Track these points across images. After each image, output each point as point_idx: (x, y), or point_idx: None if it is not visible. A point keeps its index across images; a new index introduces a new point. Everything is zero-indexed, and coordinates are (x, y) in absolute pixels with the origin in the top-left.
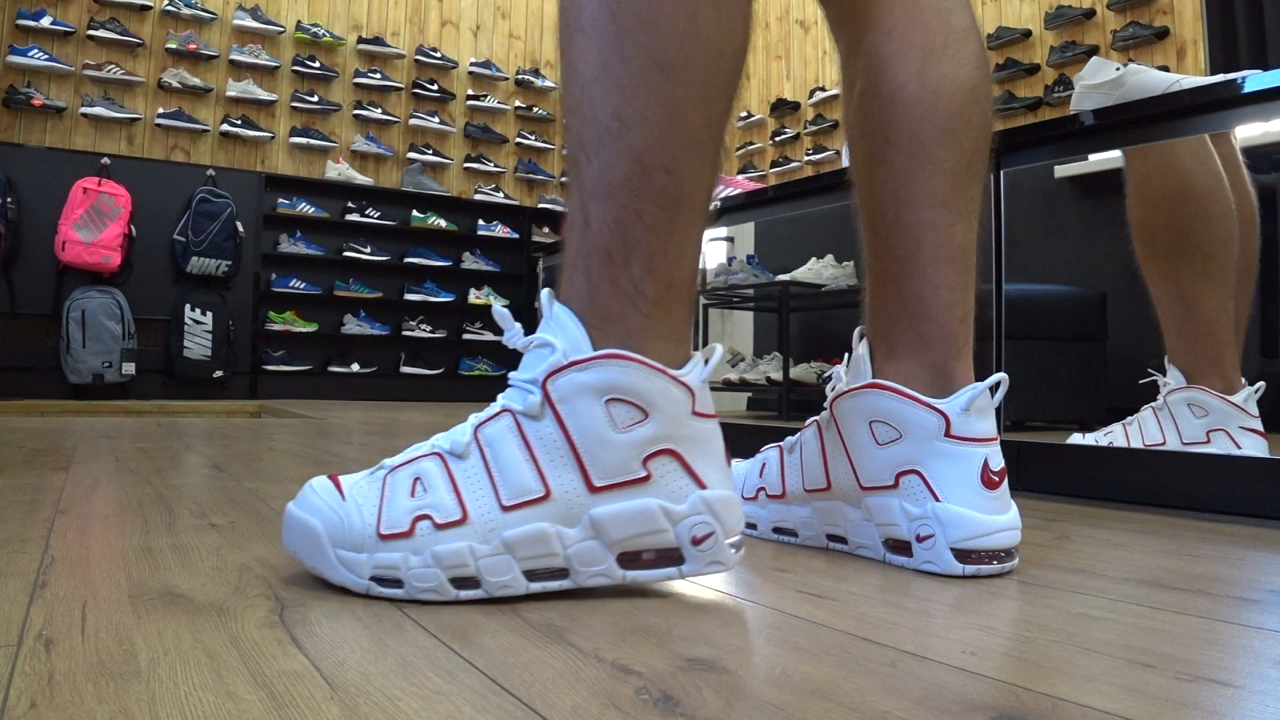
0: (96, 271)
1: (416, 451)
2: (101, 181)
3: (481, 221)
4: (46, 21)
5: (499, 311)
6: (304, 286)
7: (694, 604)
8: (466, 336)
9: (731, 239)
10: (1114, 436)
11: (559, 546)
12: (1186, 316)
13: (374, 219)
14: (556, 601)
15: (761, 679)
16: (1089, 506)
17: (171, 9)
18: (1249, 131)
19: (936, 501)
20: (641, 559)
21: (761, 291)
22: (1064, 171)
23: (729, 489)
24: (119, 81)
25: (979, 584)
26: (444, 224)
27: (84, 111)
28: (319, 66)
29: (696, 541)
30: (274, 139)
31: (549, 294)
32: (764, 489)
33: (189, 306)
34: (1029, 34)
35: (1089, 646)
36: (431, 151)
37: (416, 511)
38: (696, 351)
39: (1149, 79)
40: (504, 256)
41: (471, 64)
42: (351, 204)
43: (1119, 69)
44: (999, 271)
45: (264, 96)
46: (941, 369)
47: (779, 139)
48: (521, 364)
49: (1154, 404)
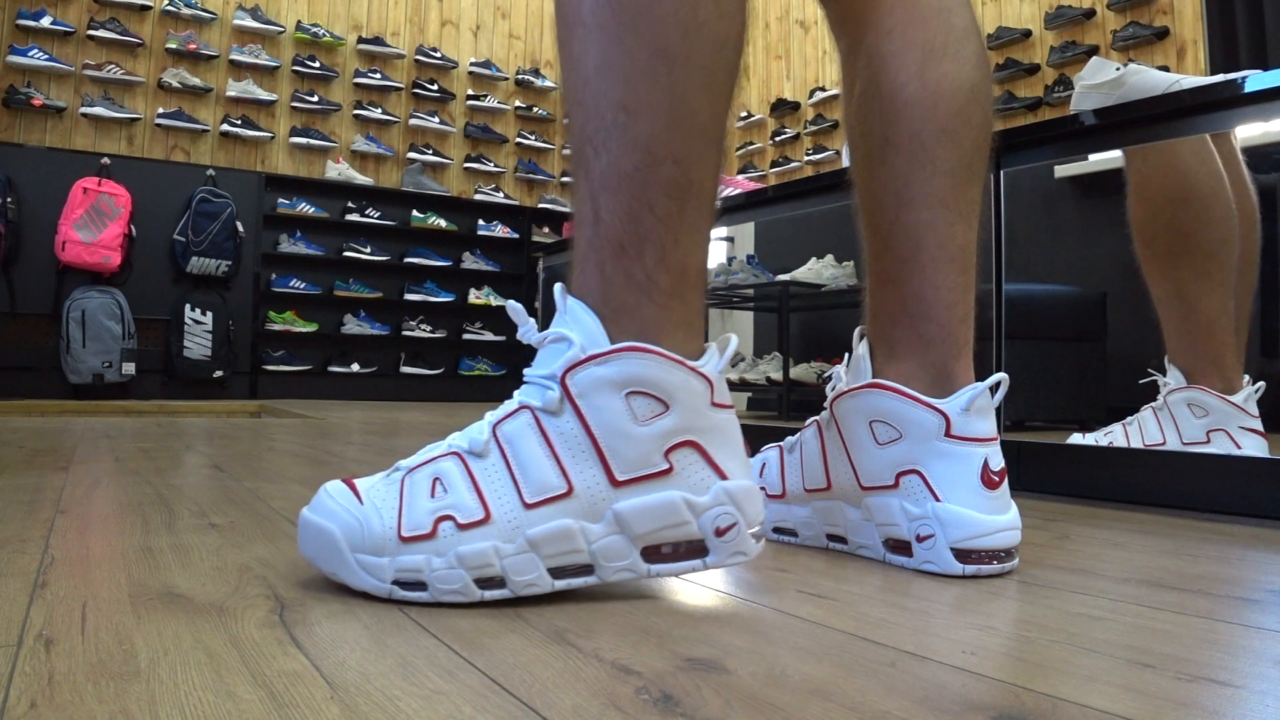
0: (96, 271)
1: (433, 452)
2: (101, 181)
3: (481, 221)
4: (46, 21)
5: (513, 307)
6: (304, 286)
7: (694, 604)
8: (466, 336)
9: (731, 239)
10: (1114, 436)
11: (583, 543)
12: (1187, 316)
13: (374, 219)
14: (557, 602)
15: (761, 679)
16: (1089, 506)
17: (171, 9)
18: (1249, 131)
19: (936, 501)
20: (665, 552)
21: (761, 291)
22: (1064, 171)
23: (749, 479)
24: (119, 81)
25: (979, 584)
26: (444, 224)
27: (84, 111)
28: (319, 66)
29: (720, 533)
30: (274, 139)
31: (562, 288)
32: (764, 489)
33: (189, 306)
34: (1029, 34)
35: (1089, 646)
36: (431, 151)
37: (438, 512)
38: (710, 343)
39: (1149, 79)
40: (504, 256)
41: (471, 64)
42: (351, 204)
43: (1119, 69)
44: (999, 271)
45: (264, 96)
46: (942, 369)
47: (779, 139)
48: (536, 360)
49: (1154, 404)
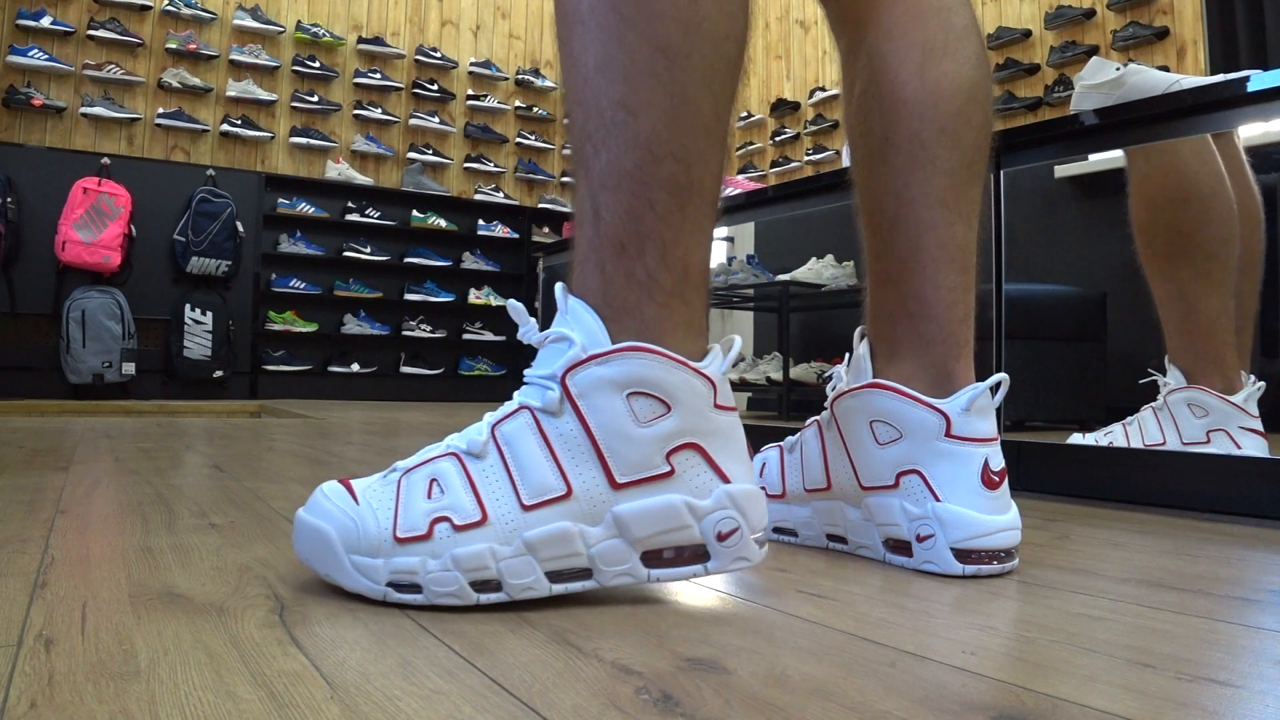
0: (96, 271)
1: (431, 452)
2: (101, 181)
3: (481, 221)
4: (46, 21)
5: (514, 306)
6: (304, 286)
7: (694, 604)
8: (466, 336)
9: (731, 239)
10: (1114, 436)
11: (582, 546)
12: (1187, 316)
13: (374, 219)
14: (557, 602)
15: (761, 679)
16: (1089, 506)
17: (171, 9)
18: (1249, 131)
19: (937, 501)
20: (666, 557)
21: (761, 291)
22: (1064, 171)
23: (752, 483)
24: (119, 81)
25: (979, 584)
26: (444, 224)
27: (84, 111)
28: (319, 66)
29: (722, 537)
30: (274, 139)
31: (563, 287)
32: (764, 488)
33: (189, 306)
34: (1029, 34)
35: (1089, 646)
36: (431, 151)
37: (434, 513)
38: (714, 344)
39: (1149, 79)
40: (504, 256)
41: (471, 64)
42: (351, 204)
43: (1119, 69)
44: (999, 271)
45: (264, 96)
46: (942, 369)
47: (779, 139)
48: (537, 360)
49: (1154, 404)
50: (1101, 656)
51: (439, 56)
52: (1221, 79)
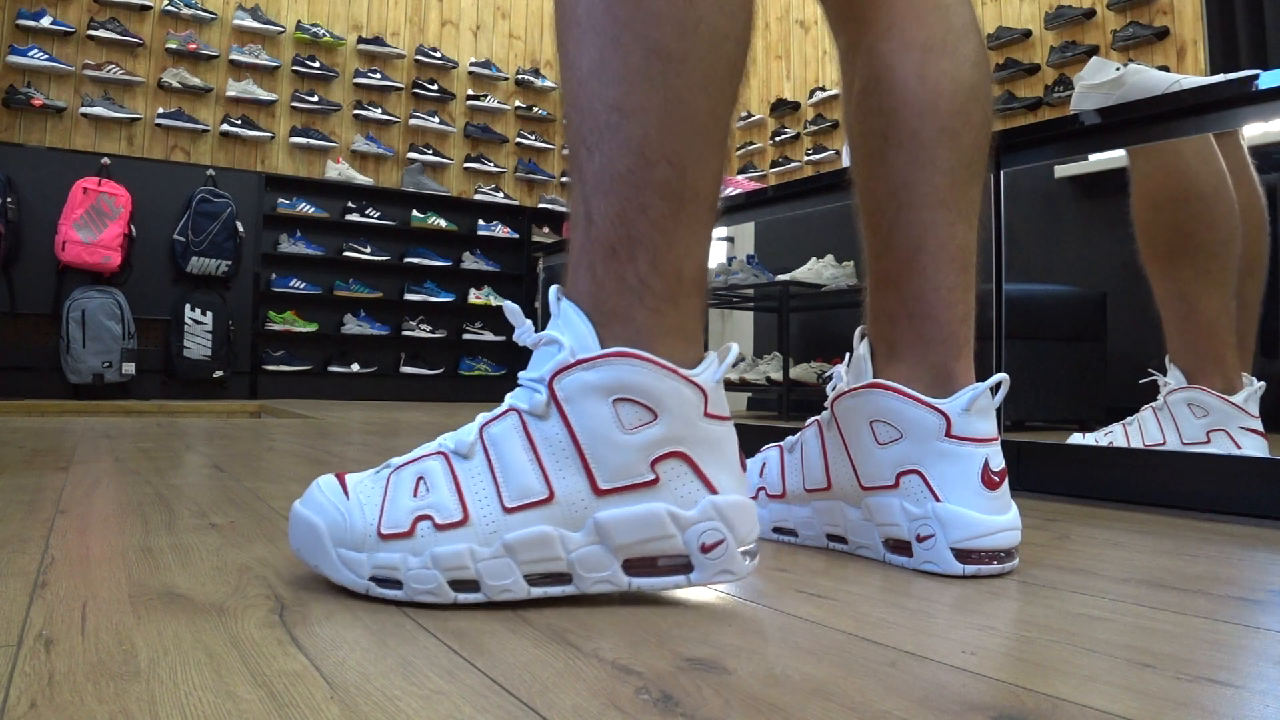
0: (96, 271)
1: (423, 451)
2: (101, 181)
3: (481, 221)
4: (46, 21)
5: (510, 308)
6: (304, 286)
7: (694, 604)
8: (466, 336)
9: (731, 239)
10: (1114, 436)
11: (562, 551)
12: (1188, 316)
13: (374, 219)
14: (557, 602)
15: (761, 679)
16: (1089, 506)
17: (171, 9)
18: (1251, 131)
19: (937, 501)
20: (648, 566)
21: (761, 291)
22: (1064, 171)
23: (742, 495)
24: (119, 81)
25: (979, 584)
26: (444, 224)
27: (84, 111)
28: (319, 66)
29: (706, 549)
30: (274, 139)
31: (557, 291)
32: (764, 488)
33: (189, 306)
34: (1029, 34)
35: (1089, 646)
36: (431, 151)
37: (417, 511)
38: (711, 351)
39: (1149, 79)
40: (504, 256)
41: (471, 64)
42: (351, 204)
43: (1119, 69)
44: (999, 271)
45: (264, 96)
46: (942, 369)
47: (779, 139)
48: (530, 362)
49: (1154, 404)
50: (1101, 656)
51: (439, 56)
52: (1221, 79)
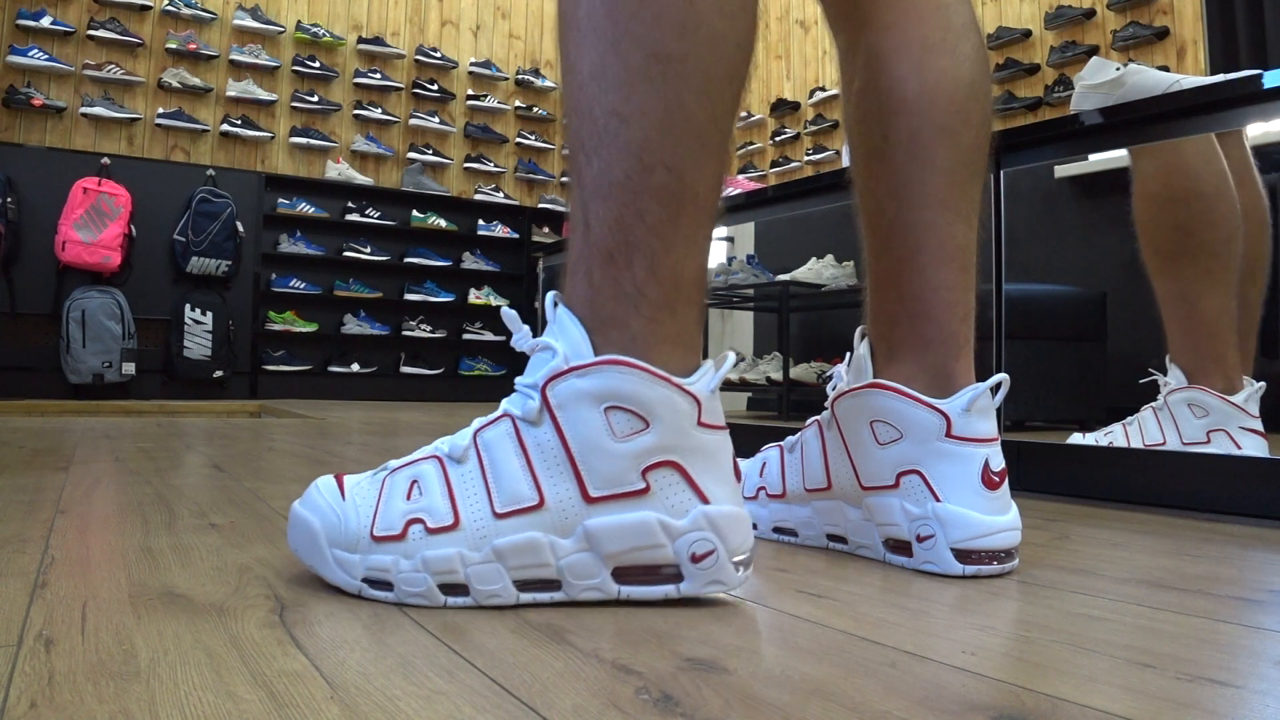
0: (96, 271)
1: (419, 454)
2: (101, 181)
3: (481, 221)
4: (46, 21)
5: (507, 314)
6: (304, 286)
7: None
8: (466, 336)
9: (731, 239)
10: (1114, 436)
11: (551, 557)
12: (1190, 315)
13: (374, 219)
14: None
15: (761, 679)
16: (1089, 506)
17: (171, 9)
18: (1252, 131)
19: (937, 502)
20: (637, 574)
21: (761, 291)
22: (1064, 171)
23: (735, 505)
24: (119, 81)
25: (979, 584)
26: (444, 224)
27: (84, 111)
28: (319, 66)
29: (696, 559)
30: (274, 139)
31: (554, 297)
32: (764, 488)
33: (189, 306)
34: (1029, 34)
35: (1089, 646)
36: (431, 151)
37: (410, 515)
38: (708, 359)
39: (1149, 79)
40: (504, 256)
41: (471, 64)
42: (351, 204)
43: (1119, 69)
44: (999, 271)
45: (264, 96)
46: (942, 370)
47: (779, 139)
48: (526, 368)
49: (1154, 404)
50: (1101, 656)
51: (439, 56)
52: (1221, 79)
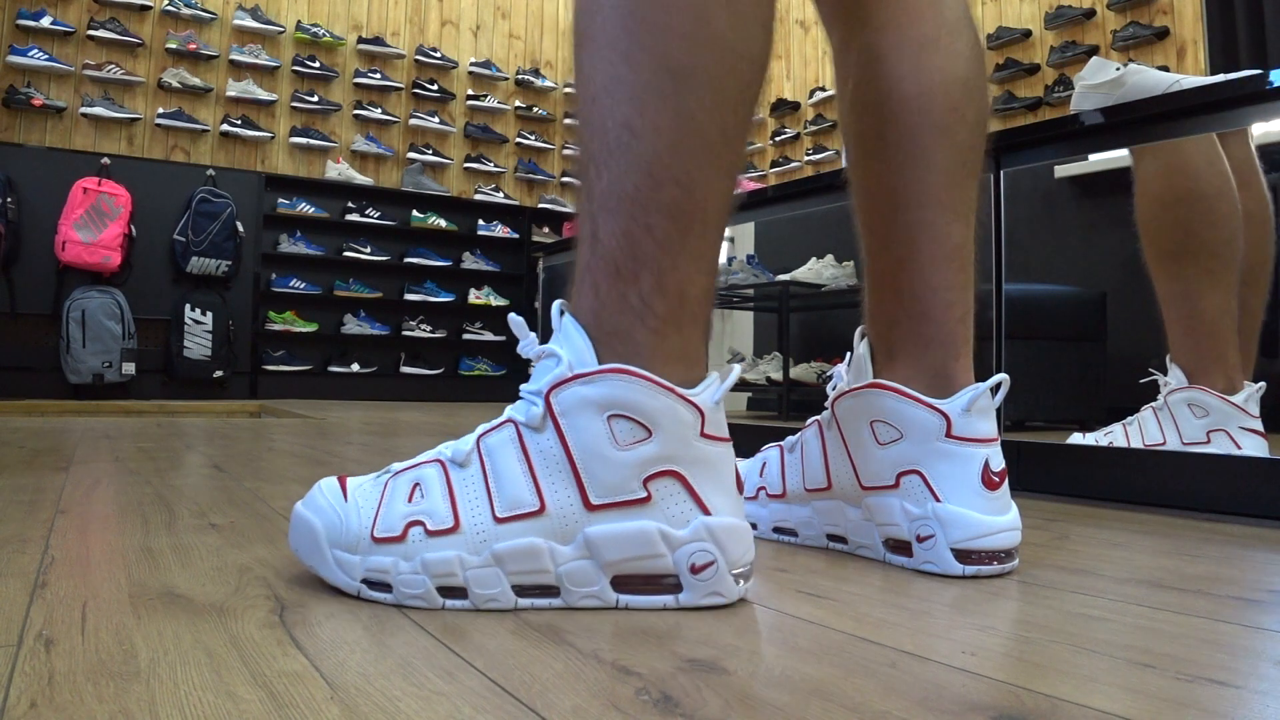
0: (96, 271)
1: (422, 458)
2: (101, 181)
3: (481, 221)
4: (46, 21)
5: (514, 320)
6: (304, 286)
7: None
8: (466, 336)
9: (732, 239)
10: (1114, 436)
11: (550, 564)
12: (1191, 315)
13: (374, 219)
14: None
15: (762, 679)
16: (1089, 506)
17: (171, 9)
18: (1255, 130)
19: (937, 502)
20: (636, 583)
21: (761, 291)
22: (1064, 171)
23: (737, 517)
24: (119, 81)
25: (979, 584)
26: (444, 224)
27: (84, 111)
28: (319, 66)
29: (696, 570)
30: (274, 139)
31: (559, 305)
32: (764, 488)
33: (189, 306)
34: (1029, 34)
35: (1089, 646)
36: (431, 151)
37: (410, 517)
38: (713, 371)
39: (1149, 79)
40: (504, 256)
41: (471, 64)
42: (351, 204)
43: (1119, 69)
44: (999, 271)
45: (264, 96)
46: (941, 370)
47: (779, 139)
48: (532, 375)
49: (1154, 404)
50: (1101, 656)
51: (439, 56)
52: (1222, 79)
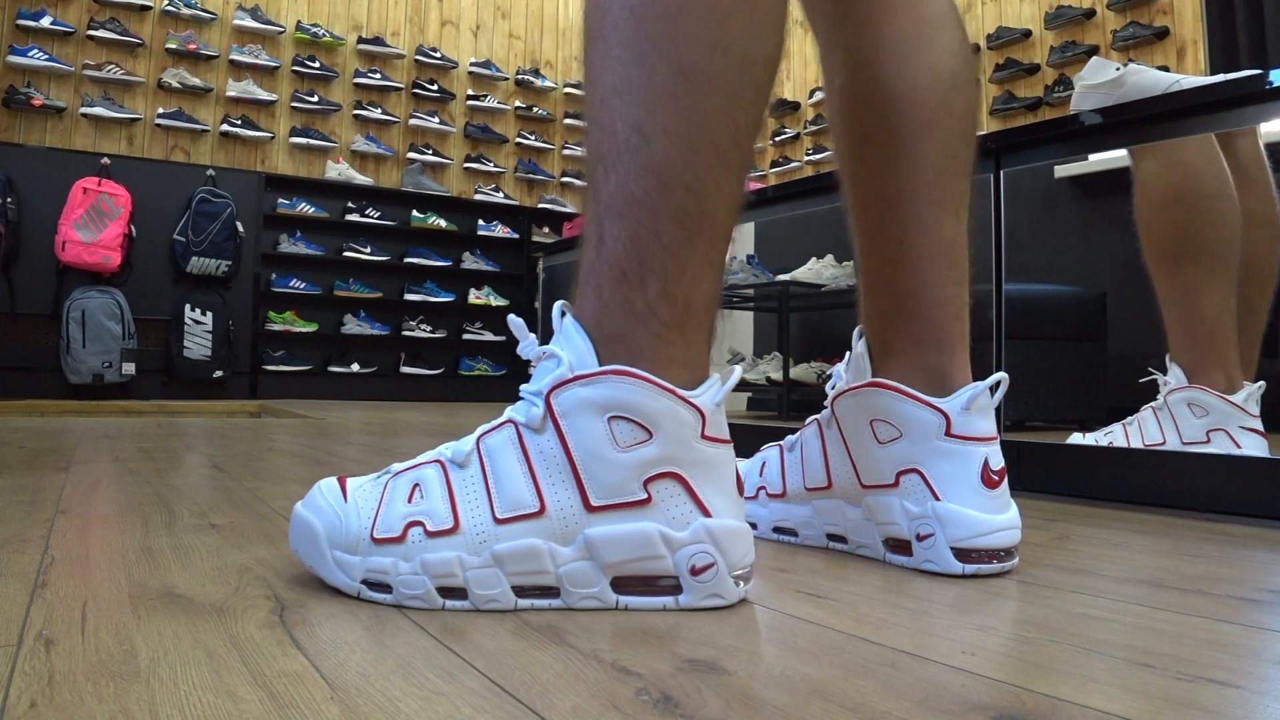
0: (96, 271)
1: (422, 458)
2: (101, 181)
3: (481, 221)
4: (46, 21)
5: (514, 321)
6: (304, 286)
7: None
8: (466, 336)
9: (732, 239)
10: (1114, 436)
11: (550, 564)
12: (1191, 314)
13: (374, 219)
14: None
15: (762, 680)
16: (1089, 506)
17: (171, 9)
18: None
19: (936, 500)
20: (636, 584)
21: (761, 291)
22: (1064, 171)
23: (737, 519)
24: (119, 81)
25: (979, 584)
26: (444, 224)
27: (84, 111)
28: (319, 66)
29: (695, 572)
30: (274, 139)
31: (561, 307)
32: (764, 488)
33: (189, 306)
34: (1029, 34)
35: (1089, 646)
36: (431, 151)
37: (410, 518)
38: (714, 373)
39: (1149, 79)
40: (504, 256)
41: (471, 64)
42: (351, 204)
43: (1119, 69)
44: (999, 271)
45: (264, 96)
46: (936, 368)
47: (779, 139)
48: (532, 376)
49: (1154, 404)
50: (1101, 656)
51: (439, 56)
52: (1222, 78)
